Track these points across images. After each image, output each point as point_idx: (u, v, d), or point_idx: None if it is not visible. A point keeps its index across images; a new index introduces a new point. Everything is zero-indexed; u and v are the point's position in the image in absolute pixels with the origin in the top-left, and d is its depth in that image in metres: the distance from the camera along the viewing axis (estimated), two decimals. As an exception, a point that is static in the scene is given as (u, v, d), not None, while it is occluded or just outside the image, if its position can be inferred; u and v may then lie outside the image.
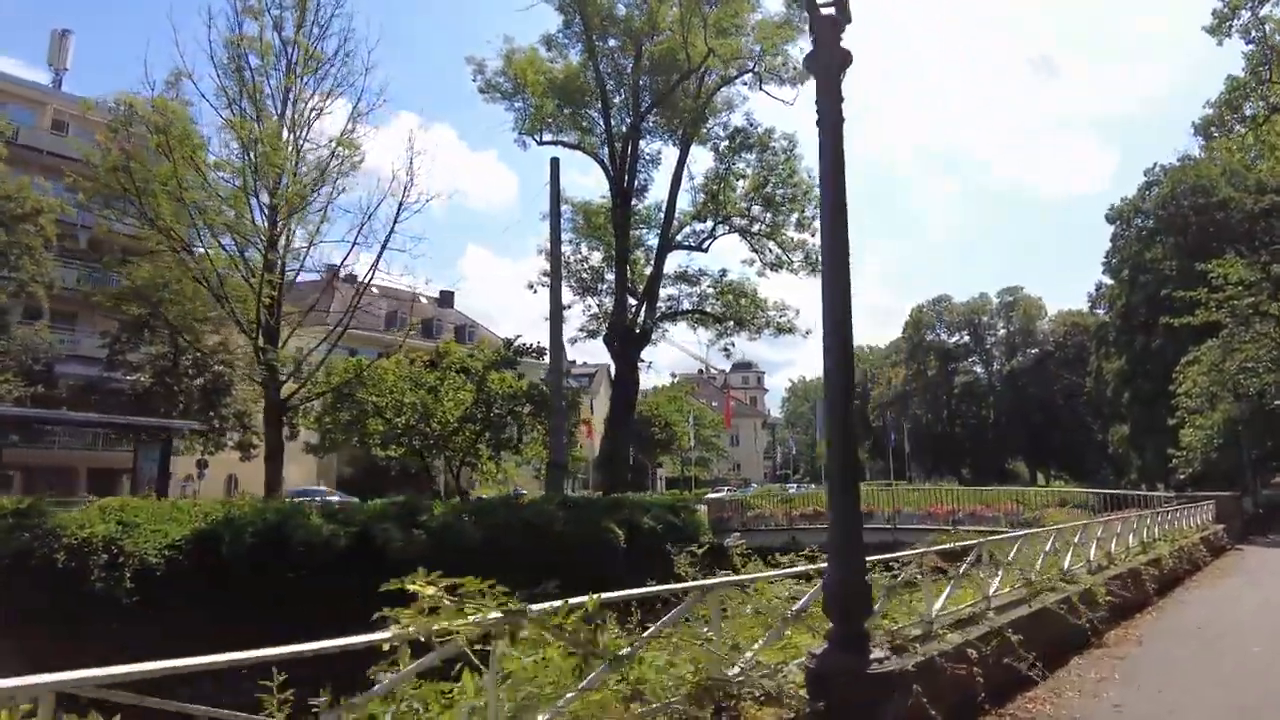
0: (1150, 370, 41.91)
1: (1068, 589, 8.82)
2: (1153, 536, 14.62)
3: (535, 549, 26.62)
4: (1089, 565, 10.59)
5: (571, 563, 27.12)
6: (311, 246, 32.07)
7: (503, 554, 25.28)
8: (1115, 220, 50.66)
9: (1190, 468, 31.95)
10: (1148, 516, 14.91)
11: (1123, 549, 12.50)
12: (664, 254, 36.41)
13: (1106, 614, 9.18)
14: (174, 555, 20.44)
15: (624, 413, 34.72)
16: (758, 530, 32.56)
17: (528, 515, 27.52)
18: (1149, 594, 11.38)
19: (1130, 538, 13.10)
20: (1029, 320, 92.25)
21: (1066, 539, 10.39)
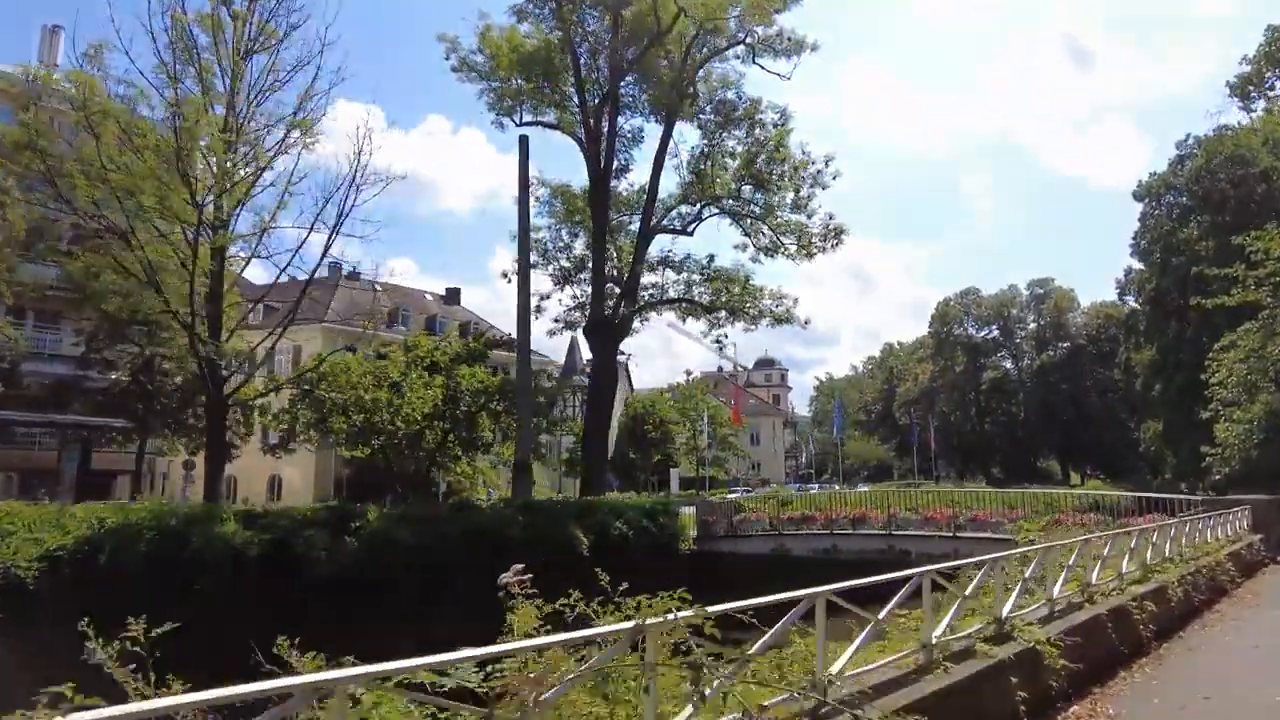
0: (1183, 360, 38.00)
1: (990, 656, 5.89)
2: (1160, 555, 11.50)
3: (481, 558, 24.04)
4: (1050, 605, 7.62)
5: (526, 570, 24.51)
6: (265, 234, 29.77)
7: (442, 565, 22.80)
8: (1144, 198, 46.38)
9: (1227, 467, 28.35)
10: (1153, 530, 11.76)
11: (1110, 576, 9.46)
12: (646, 238, 33.57)
13: (1060, 683, 6.23)
14: (48, 567, 18.22)
15: (601, 409, 31.93)
16: (745, 536, 29.65)
17: (477, 521, 24.97)
18: (1143, 640, 8.35)
19: (1125, 561, 10.03)
20: (1060, 313, 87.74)
21: (1014, 572, 7.54)
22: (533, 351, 73.16)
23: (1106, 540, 9.94)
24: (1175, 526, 12.66)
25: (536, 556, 25.33)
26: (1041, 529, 17.46)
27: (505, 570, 25.10)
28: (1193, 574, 11.13)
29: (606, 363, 32.14)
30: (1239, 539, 16.76)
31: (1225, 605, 11.70)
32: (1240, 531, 17.72)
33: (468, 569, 23.51)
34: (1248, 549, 15.62)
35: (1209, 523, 15.43)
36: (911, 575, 6.37)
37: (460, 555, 23.28)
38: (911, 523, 26.11)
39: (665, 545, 29.11)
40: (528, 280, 29.84)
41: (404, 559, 22.20)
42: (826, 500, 30.09)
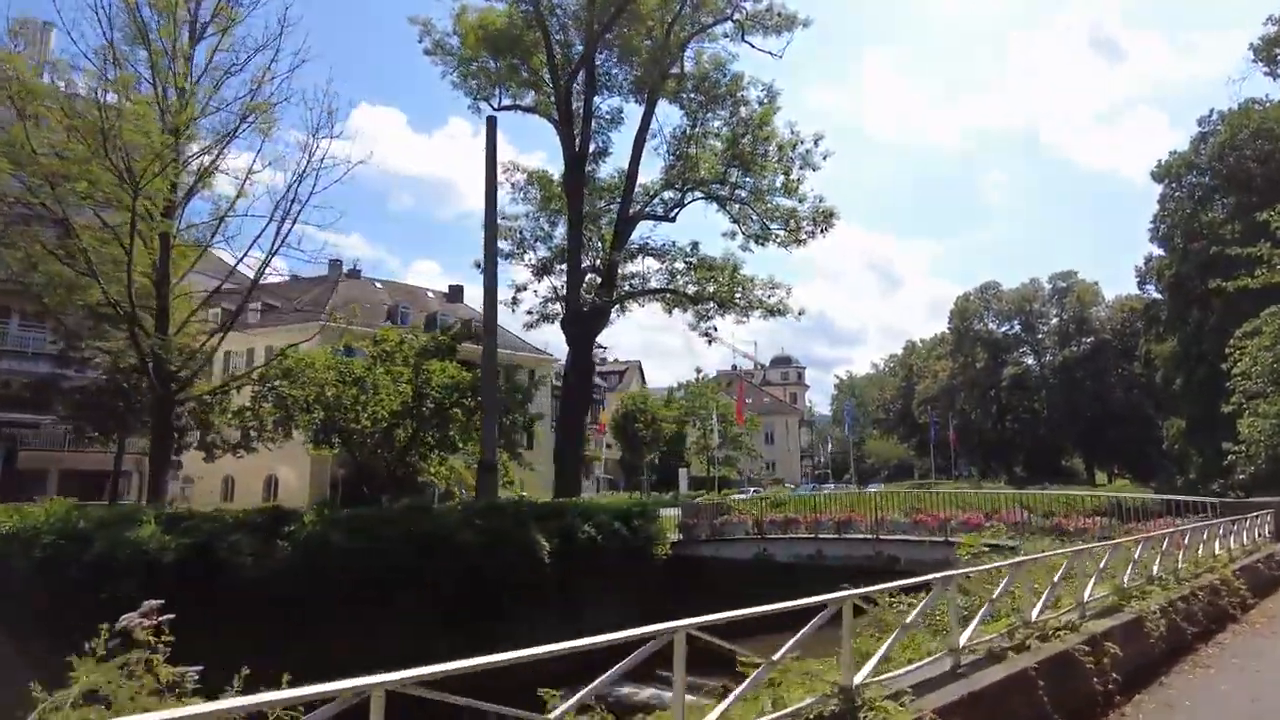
0: (1206, 351, 35.06)
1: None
2: (1147, 574, 9.22)
3: (428, 564, 22.20)
4: (954, 657, 5.45)
5: (478, 579, 22.58)
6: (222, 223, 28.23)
7: (384, 571, 20.94)
8: (1164, 179, 43.23)
9: (1252, 466, 25.63)
10: (1137, 545, 9.45)
11: (1067, 606, 7.24)
12: (625, 224, 31.48)
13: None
14: (-75, 576, 16.61)
15: (575, 405, 29.87)
16: (727, 540, 27.56)
17: (428, 525, 23.05)
18: (1096, 695, 6.13)
19: (1090, 586, 7.77)
20: (1084, 307, 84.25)
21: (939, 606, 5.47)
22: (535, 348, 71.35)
23: (1070, 557, 7.71)
24: (1170, 537, 10.34)
25: (493, 563, 23.57)
26: (1008, 536, 15.24)
27: (462, 577, 23.07)
28: (1186, 598, 8.84)
29: (581, 356, 30.08)
30: (1256, 549, 14.35)
31: (1229, 636, 9.38)
32: (1259, 540, 15.29)
33: (416, 577, 21.74)
34: (1265, 562, 13.21)
35: (1220, 530, 13.04)
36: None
37: (407, 562, 21.48)
38: (900, 526, 23.84)
39: (640, 549, 27.12)
40: (494, 268, 27.85)
41: (340, 565, 20.40)
42: (812, 503, 27.80)
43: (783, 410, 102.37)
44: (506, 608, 22.79)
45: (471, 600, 21.98)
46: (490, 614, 22.35)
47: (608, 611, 26.18)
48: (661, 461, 77.98)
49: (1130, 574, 8.63)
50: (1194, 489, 42.30)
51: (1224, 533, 13.04)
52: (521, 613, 23.31)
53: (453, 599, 21.66)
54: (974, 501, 23.33)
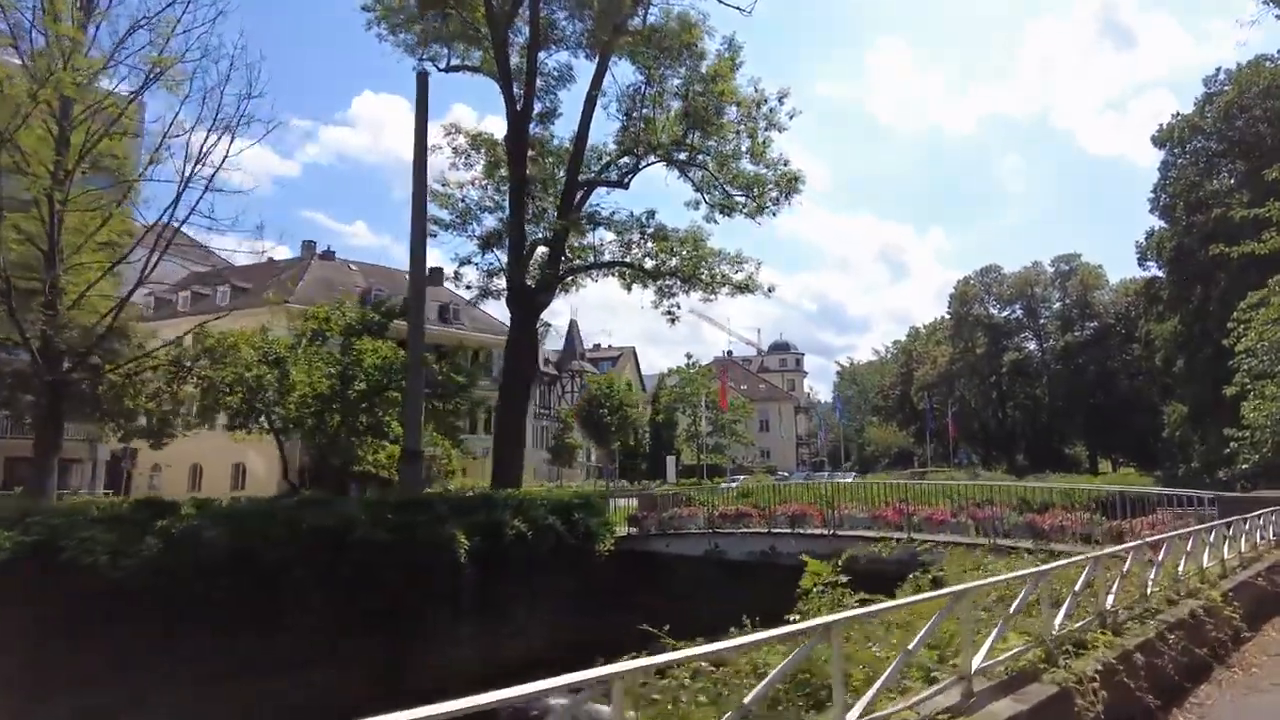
0: (1210, 331, 31.93)
1: None
2: (1098, 610, 6.44)
3: (323, 564, 19.62)
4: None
5: (377, 581, 20.01)
6: (131, 189, 25.76)
7: (266, 572, 18.39)
8: (1165, 144, 39.84)
9: (1256, 454, 22.66)
10: (1088, 562, 6.63)
11: (947, 678, 4.53)
12: (574, 190, 28.68)
13: None
14: None
15: (517, 386, 27.14)
16: (679, 534, 24.93)
17: (326, 521, 20.46)
18: None
19: (980, 653, 5.01)
20: (1087, 290, 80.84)
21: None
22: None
23: (950, 600, 4.97)
24: (1134, 553, 7.54)
25: (399, 562, 20.85)
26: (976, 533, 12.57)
27: (364, 579, 20.38)
28: (1150, 644, 6.10)
29: (524, 334, 27.33)
30: (1258, 557, 11.55)
31: (1212, 692, 6.62)
32: (1262, 544, 12.48)
33: (310, 578, 19.20)
34: (1269, 574, 10.42)
35: (1210, 537, 10.24)
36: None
37: (299, 562, 18.96)
38: (858, 522, 21.09)
39: (579, 546, 24.52)
40: (423, 239, 25.11)
41: (216, 565, 17.87)
42: (767, 494, 25.09)
43: (779, 397, 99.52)
44: (417, 613, 20.24)
45: (375, 605, 19.47)
46: (397, 620, 19.83)
47: (540, 616, 23.62)
48: (652, 449, 75.49)
49: (1069, 609, 5.88)
50: (1198, 480, 39.27)
51: (1215, 539, 10.24)
52: (437, 618, 20.77)
53: (351, 604, 19.17)
54: (940, 494, 20.45)
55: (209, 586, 17.33)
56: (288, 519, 20.10)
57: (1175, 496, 18.00)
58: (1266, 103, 32.22)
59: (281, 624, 17.99)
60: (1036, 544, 17.88)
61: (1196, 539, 9.44)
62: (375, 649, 20.14)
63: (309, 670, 18.07)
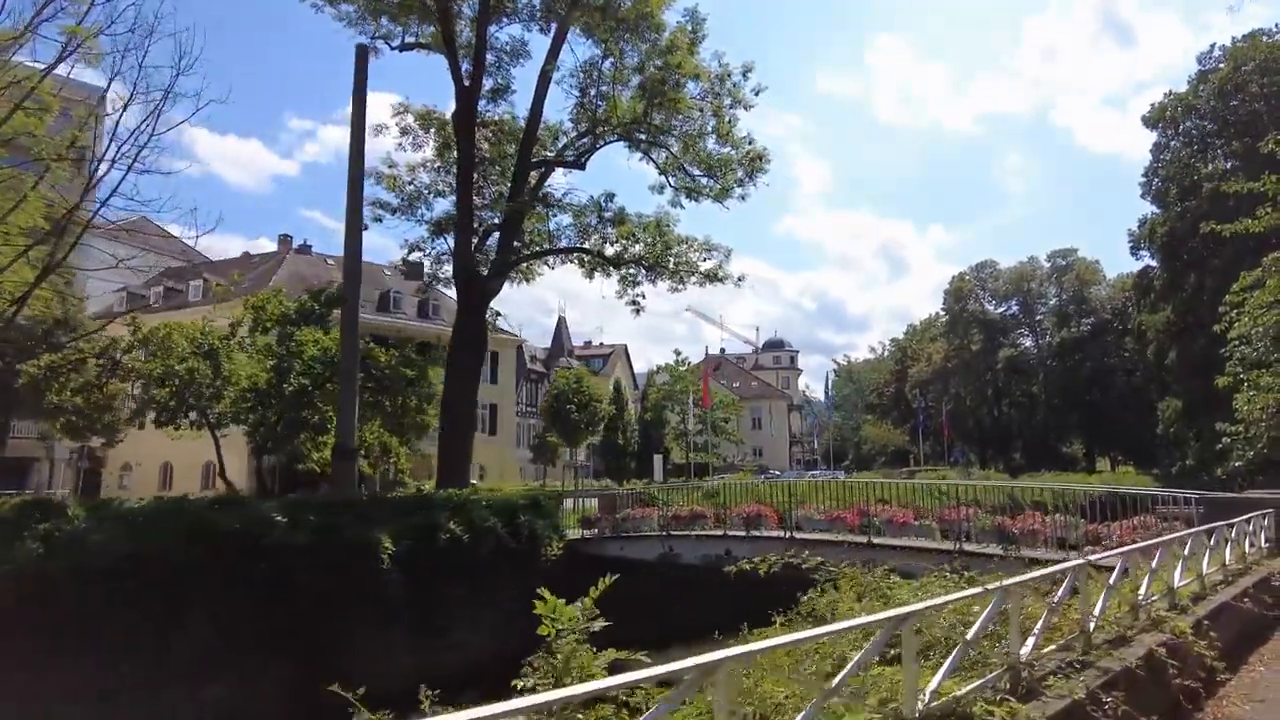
0: (1203, 321, 29.86)
1: None
2: (1011, 660, 4.60)
3: (222, 570, 17.84)
4: None
5: (293, 588, 18.21)
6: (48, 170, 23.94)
7: (162, 579, 16.69)
8: (1156, 124, 37.64)
9: (1250, 451, 20.70)
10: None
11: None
12: (525, 171, 26.83)
13: None
14: None
15: (463, 378, 25.31)
16: (633, 537, 23.18)
17: (229, 522, 18.69)
18: None
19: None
20: (1083, 285, 78.74)
21: None
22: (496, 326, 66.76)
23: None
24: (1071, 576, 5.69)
25: (319, 568, 18.96)
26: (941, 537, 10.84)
27: (275, 585, 18.56)
28: (1070, 715, 4.27)
29: (470, 322, 25.50)
30: (1245, 570, 9.69)
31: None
32: (1251, 554, 10.62)
33: (215, 585, 17.45)
34: (1255, 593, 8.55)
35: (1186, 546, 8.38)
36: None
37: (202, 567, 17.26)
38: (815, 524, 19.27)
39: (523, 550, 22.73)
40: (359, 222, 23.32)
41: (104, 571, 16.18)
42: (724, 494, 23.29)
43: (772, 395, 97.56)
44: (340, 622, 18.44)
45: (290, 613, 17.71)
46: (316, 630, 18.02)
47: (483, 625, 21.80)
48: (641, 448, 73.60)
49: (954, 664, 4.06)
50: (1193, 478, 37.30)
51: (1192, 550, 8.37)
52: (363, 627, 18.96)
53: (263, 612, 17.41)
54: (925, 494, 18.59)
55: (95, 595, 15.67)
56: (195, 521, 18.43)
57: (1160, 497, 16.18)
58: (1263, 79, 30.14)
59: (178, 636, 16.29)
60: (1006, 549, 16.11)
61: (1166, 551, 7.58)
62: (288, 661, 18.21)
63: (206, 686, 16.37)
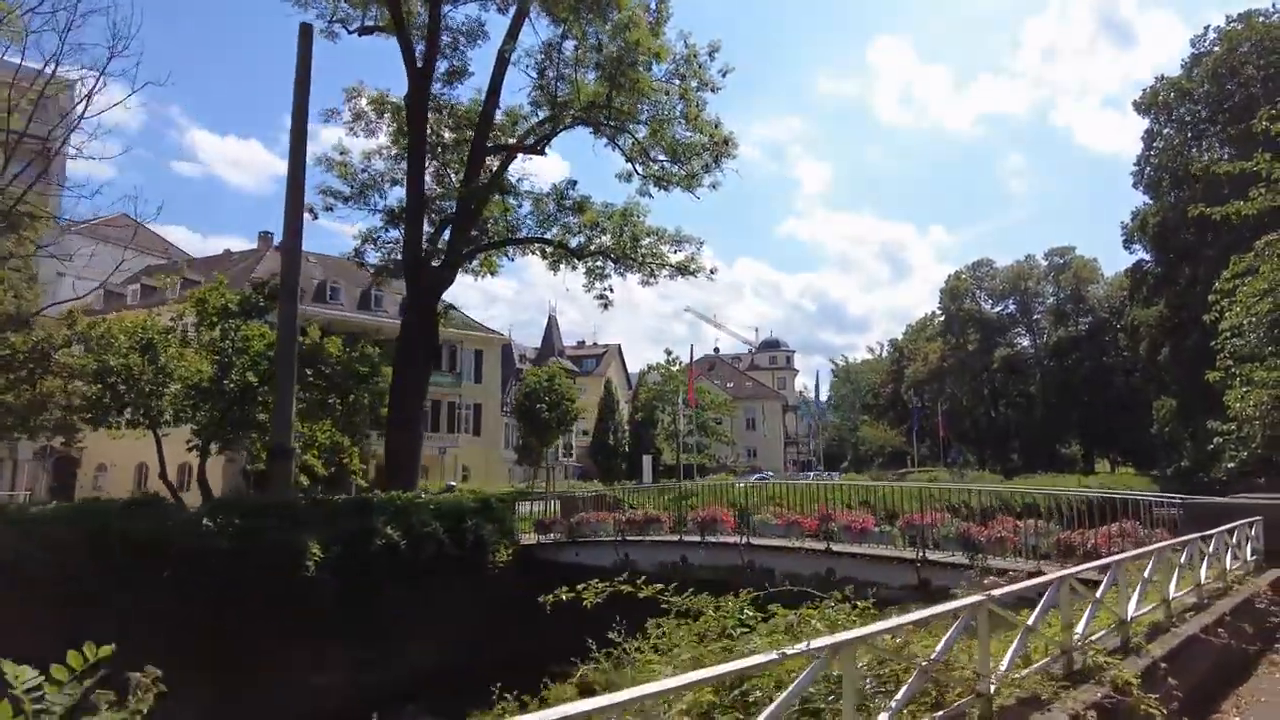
0: (1197, 315, 27.96)
1: None
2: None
3: (123, 578, 16.43)
4: None
5: (210, 597, 16.82)
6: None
7: (65, 587, 15.38)
8: (1148, 110, 35.81)
9: (1244, 451, 19.07)
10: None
11: None
12: (481, 156, 25.35)
13: None
14: None
15: (413, 375, 23.84)
16: (589, 543, 21.69)
17: (138, 526, 17.29)
18: None
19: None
20: (1081, 284, 77.02)
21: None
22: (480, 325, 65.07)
23: None
24: (966, 615, 4.20)
25: (239, 577, 17.49)
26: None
27: (188, 595, 17.26)
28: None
29: (420, 314, 24.02)
30: (1225, 590, 8.17)
31: None
32: (1235, 569, 9.08)
33: (121, 596, 16.05)
34: (1233, 619, 7.01)
35: (1150, 563, 6.87)
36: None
37: (105, 575, 15.95)
38: (772, 530, 17.74)
39: (467, 557, 21.29)
40: (299, 209, 21.91)
41: (24, 571, 14.99)
42: (696, 496, 21.81)
43: (766, 395, 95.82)
44: (264, 635, 16.97)
45: (203, 624, 16.27)
46: (236, 644, 16.56)
47: (424, 637, 20.29)
48: (632, 449, 72.12)
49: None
50: (1190, 479, 35.68)
51: (1156, 568, 6.84)
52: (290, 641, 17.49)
53: (176, 625, 15.97)
54: (913, 497, 17.04)
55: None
56: (100, 526, 17.06)
57: (1143, 502, 14.63)
58: (1259, 60, 28.33)
59: (76, 648, 14.79)
60: (971, 558, 14.63)
61: (1117, 572, 6.06)
62: (203, 675, 16.68)
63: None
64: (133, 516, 17.36)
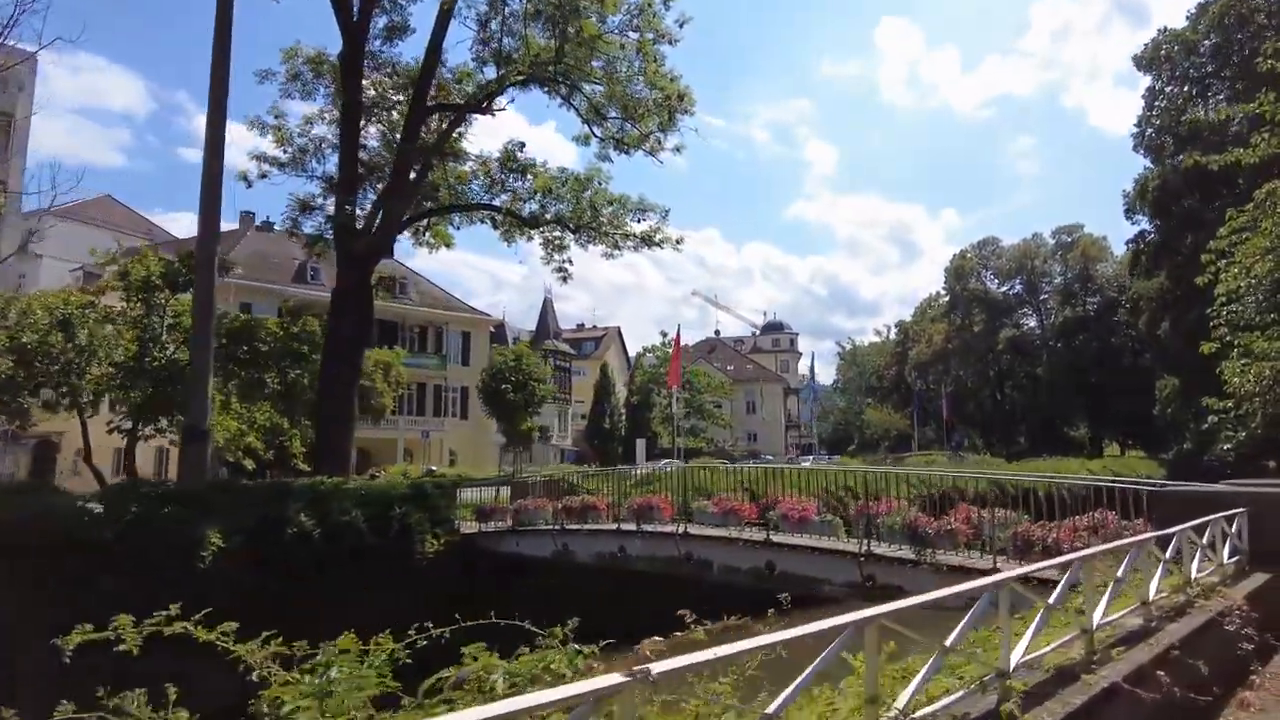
0: (1199, 287, 25.74)
1: None
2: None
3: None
4: None
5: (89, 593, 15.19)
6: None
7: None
8: (1150, 66, 33.12)
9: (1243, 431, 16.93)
10: None
11: None
12: (420, 116, 23.42)
13: None
14: None
15: (344, 352, 22.03)
16: (530, 531, 19.94)
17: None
18: None
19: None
20: (1089, 262, 74.19)
21: None
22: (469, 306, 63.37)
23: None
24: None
25: (113, 570, 15.98)
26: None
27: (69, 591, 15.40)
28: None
29: (352, 287, 22.18)
30: (1188, 604, 6.20)
31: None
32: (1207, 576, 7.11)
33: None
34: (1183, 654, 5.08)
35: (1069, 574, 4.92)
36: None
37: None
38: (709, 518, 15.85)
39: (390, 550, 19.54)
40: (220, 158, 20.02)
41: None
42: (615, 483, 19.94)
43: (767, 378, 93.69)
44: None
45: (76, 623, 14.58)
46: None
47: (340, 635, 18.70)
48: (629, 432, 70.45)
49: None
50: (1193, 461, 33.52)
51: (1073, 594, 4.89)
52: (181, 638, 15.82)
53: (42, 625, 14.26)
54: (893, 483, 15.05)
55: None
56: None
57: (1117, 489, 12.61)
58: (1272, 4, 25.56)
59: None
60: (919, 553, 12.69)
61: (995, 593, 4.14)
62: (76, 682, 14.86)
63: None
64: (10, 503, 15.76)
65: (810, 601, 11.98)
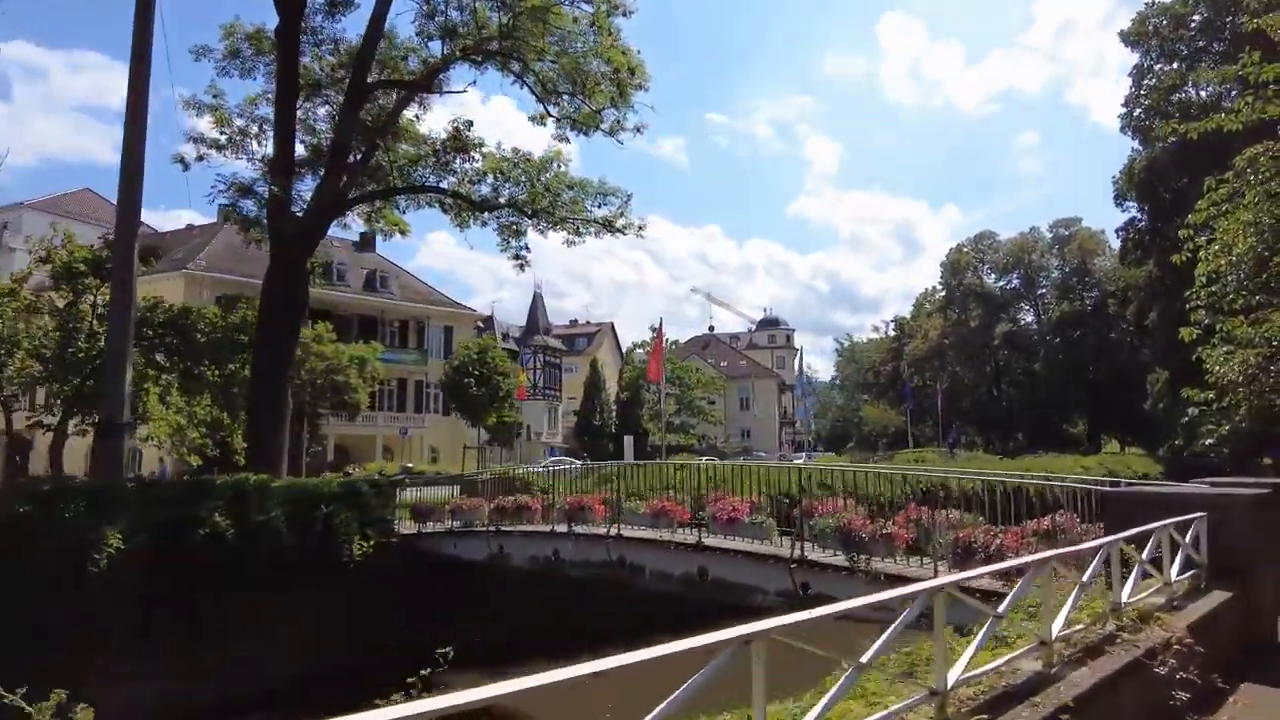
0: (1189, 274, 24.15)
1: None
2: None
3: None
4: None
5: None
6: None
7: None
8: (1138, 42, 31.43)
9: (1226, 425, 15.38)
10: None
11: None
12: (361, 94, 22.05)
13: None
14: None
15: (277, 343, 20.68)
16: (467, 533, 18.63)
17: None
18: None
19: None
20: (1086, 256, 72.48)
21: None
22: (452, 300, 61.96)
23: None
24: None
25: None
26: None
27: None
28: None
29: (284, 272, 20.81)
30: (1114, 635, 4.77)
31: None
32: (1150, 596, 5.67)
33: None
34: (1114, 691, 3.69)
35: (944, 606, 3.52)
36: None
37: None
38: (639, 519, 14.47)
39: (316, 551, 18.21)
40: (141, 138, 18.75)
41: None
42: (552, 482, 18.60)
43: (761, 374, 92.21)
44: (27, 642, 13.97)
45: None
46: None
47: (260, 646, 17.26)
48: (619, 429, 69.15)
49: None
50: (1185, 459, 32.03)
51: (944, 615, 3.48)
52: (82, 650, 14.51)
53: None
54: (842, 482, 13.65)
55: None
56: None
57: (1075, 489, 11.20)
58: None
59: None
60: (852, 559, 11.31)
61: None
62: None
63: None
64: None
65: (745, 612, 10.60)
